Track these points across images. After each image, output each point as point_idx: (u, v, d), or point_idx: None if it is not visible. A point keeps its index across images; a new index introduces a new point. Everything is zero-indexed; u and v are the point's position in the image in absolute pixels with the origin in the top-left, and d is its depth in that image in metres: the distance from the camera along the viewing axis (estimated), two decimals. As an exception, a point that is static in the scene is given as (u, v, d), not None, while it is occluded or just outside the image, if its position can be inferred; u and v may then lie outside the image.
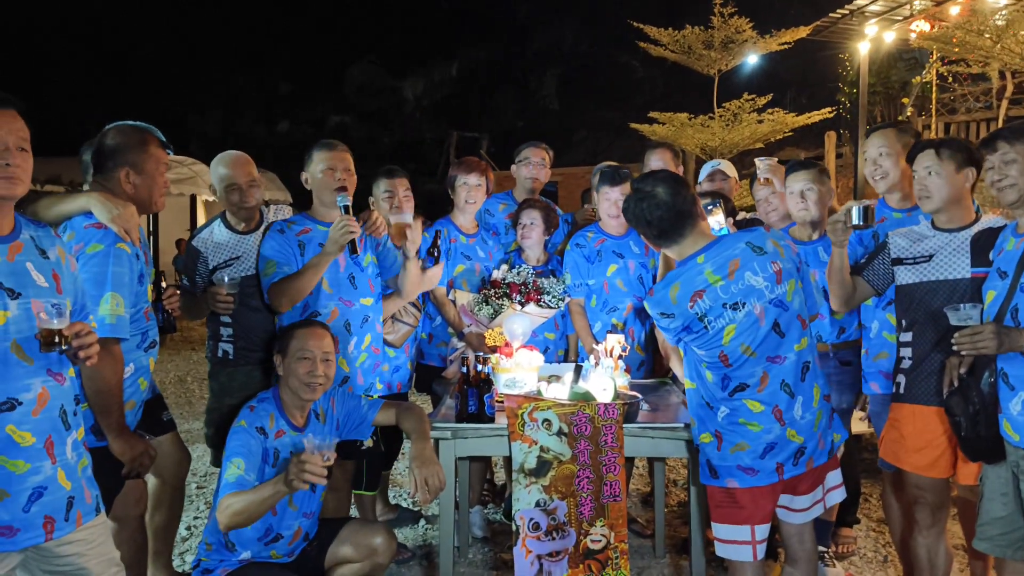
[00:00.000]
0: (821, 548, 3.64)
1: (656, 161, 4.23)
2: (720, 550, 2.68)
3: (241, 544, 2.72)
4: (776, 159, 4.17)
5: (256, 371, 3.30)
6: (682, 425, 2.92)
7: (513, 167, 4.55)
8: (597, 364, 3.25)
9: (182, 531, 4.25)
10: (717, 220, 2.90)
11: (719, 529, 2.67)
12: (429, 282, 3.72)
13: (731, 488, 2.60)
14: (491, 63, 24.79)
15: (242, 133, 22.11)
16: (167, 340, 11.12)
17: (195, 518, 4.46)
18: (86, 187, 2.85)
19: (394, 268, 3.53)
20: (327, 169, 3.27)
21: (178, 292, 3.19)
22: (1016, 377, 2.47)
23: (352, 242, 3.13)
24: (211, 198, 14.47)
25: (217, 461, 3.31)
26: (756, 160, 4.02)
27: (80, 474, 2.14)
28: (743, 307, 2.53)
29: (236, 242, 3.37)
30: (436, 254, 3.68)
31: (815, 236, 3.48)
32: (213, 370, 3.42)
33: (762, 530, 2.62)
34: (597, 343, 3.55)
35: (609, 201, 3.89)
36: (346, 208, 3.18)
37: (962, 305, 2.54)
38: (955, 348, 2.54)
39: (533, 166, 4.45)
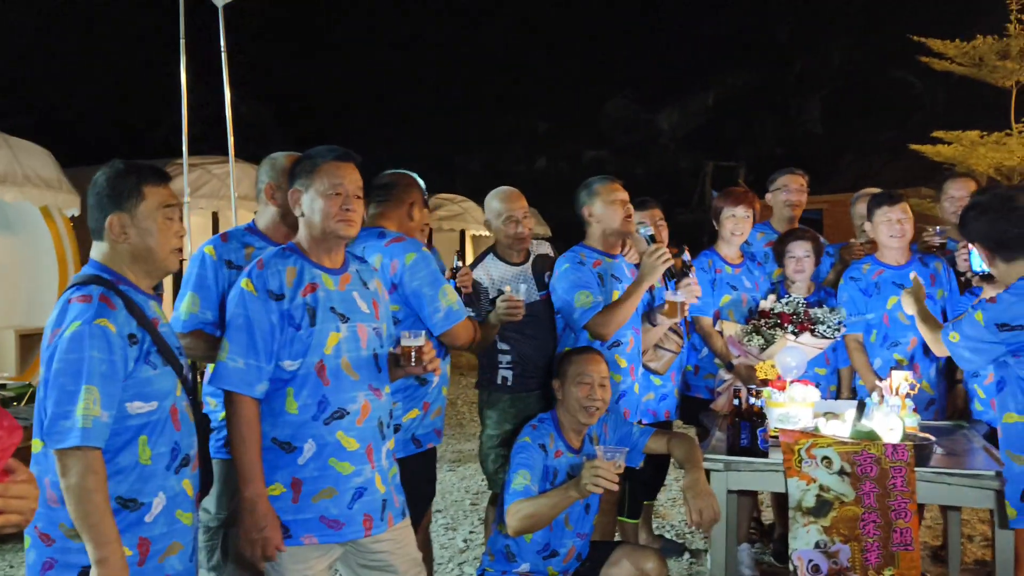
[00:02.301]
0: None
1: (960, 191, 3.95)
2: None
3: (521, 556, 2.88)
4: None
5: (532, 398, 3.45)
6: (990, 473, 2.66)
7: (768, 195, 4.42)
8: (882, 402, 3.06)
9: (460, 543, 4.56)
10: None
11: None
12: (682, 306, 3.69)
13: None
14: (749, 89, 24.12)
15: (503, 170, 23.40)
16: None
17: (471, 532, 4.76)
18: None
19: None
20: (613, 201, 3.41)
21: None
22: None
23: (668, 270, 3.25)
24: (480, 232, 15.51)
25: (494, 485, 3.51)
26: None
27: (391, 480, 2.42)
28: None
29: (513, 274, 3.59)
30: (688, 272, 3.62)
31: None
32: (491, 397, 3.55)
33: None
34: (880, 379, 3.34)
35: (890, 222, 3.66)
36: (651, 237, 3.30)
37: None
38: None
39: (791, 192, 4.30)
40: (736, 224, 4.05)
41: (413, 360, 2.34)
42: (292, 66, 24.16)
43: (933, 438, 2.88)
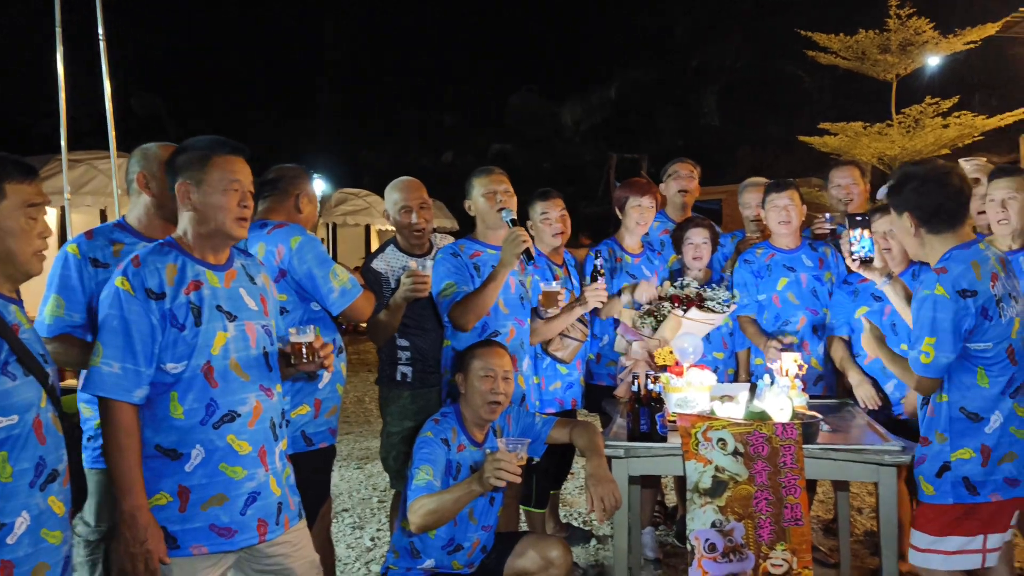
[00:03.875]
0: None
1: (844, 178, 4.12)
2: (941, 562, 2.59)
3: (426, 552, 2.85)
4: (985, 159, 3.90)
5: (433, 393, 3.42)
6: (871, 448, 2.78)
7: (662, 185, 4.54)
8: (772, 383, 3.16)
9: (367, 542, 4.49)
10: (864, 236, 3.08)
11: (947, 542, 2.58)
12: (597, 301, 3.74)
13: (986, 503, 2.54)
14: (649, 83, 24.61)
15: (409, 164, 23.19)
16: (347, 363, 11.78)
17: (378, 530, 4.69)
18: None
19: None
20: (488, 193, 3.41)
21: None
22: None
23: (527, 250, 3.23)
24: (384, 227, 15.34)
25: (397, 483, 3.47)
26: (961, 161, 3.77)
27: (285, 482, 2.34)
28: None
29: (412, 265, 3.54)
30: (598, 276, 3.70)
31: (1015, 246, 3.22)
32: (391, 393, 3.51)
33: (997, 538, 2.57)
34: (775, 340, 3.46)
35: (778, 208, 3.81)
36: (513, 221, 3.30)
37: None
38: None
39: (682, 179, 4.45)
40: (642, 214, 4.12)
41: (304, 356, 2.27)
42: (188, 58, 23.28)
43: (820, 416, 2.99)
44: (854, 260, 3.15)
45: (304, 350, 2.27)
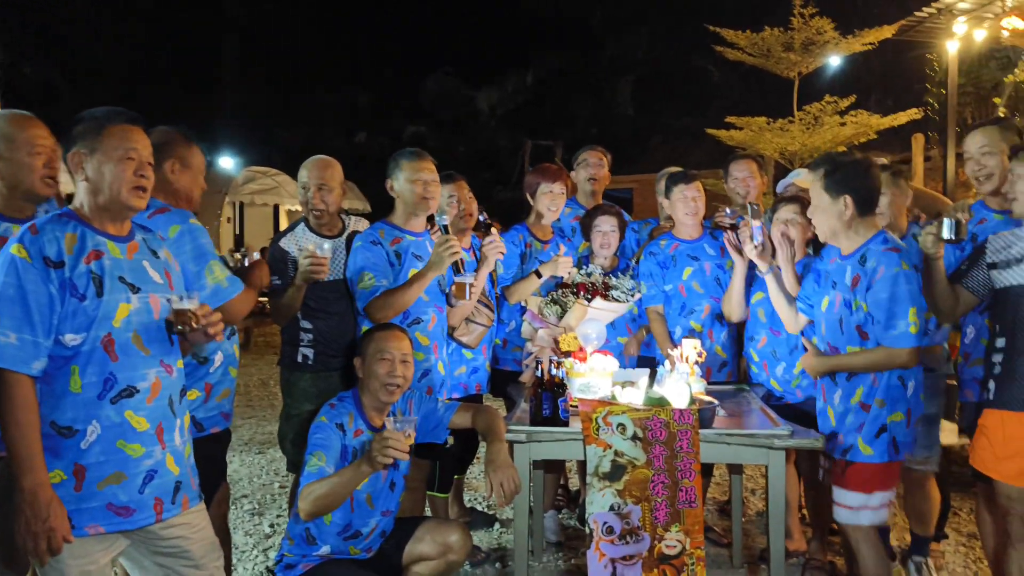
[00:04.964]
0: (919, 558, 3.65)
1: (742, 171, 4.22)
2: (870, 517, 2.91)
3: (321, 538, 2.80)
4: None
5: (334, 377, 3.37)
6: (762, 432, 2.88)
7: (573, 172, 4.59)
8: (673, 369, 3.23)
9: (266, 528, 4.39)
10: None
11: (874, 497, 2.89)
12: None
13: (899, 462, 2.94)
14: (565, 71, 24.79)
15: (322, 144, 22.69)
16: (251, 344, 11.49)
17: (278, 516, 4.59)
18: None
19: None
20: (415, 180, 3.35)
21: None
22: None
23: (456, 262, 3.22)
24: (294, 207, 14.97)
25: (293, 467, 3.41)
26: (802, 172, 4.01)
27: (185, 461, 2.29)
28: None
29: (323, 244, 3.46)
30: (490, 230, 3.71)
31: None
32: (292, 376, 3.46)
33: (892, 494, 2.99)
34: (675, 347, 3.53)
35: (686, 199, 3.88)
36: (446, 227, 3.27)
37: None
38: None
39: (591, 166, 4.51)
40: (552, 200, 4.14)
41: (189, 324, 2.18)
42: (89, 27, 22.05)
43: (716, 402, 3.07)
44: (756, 247, 3.27)
45: (189, 317, 2.18)
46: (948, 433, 4.50)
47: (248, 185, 14.71)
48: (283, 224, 15.48)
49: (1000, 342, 2.84)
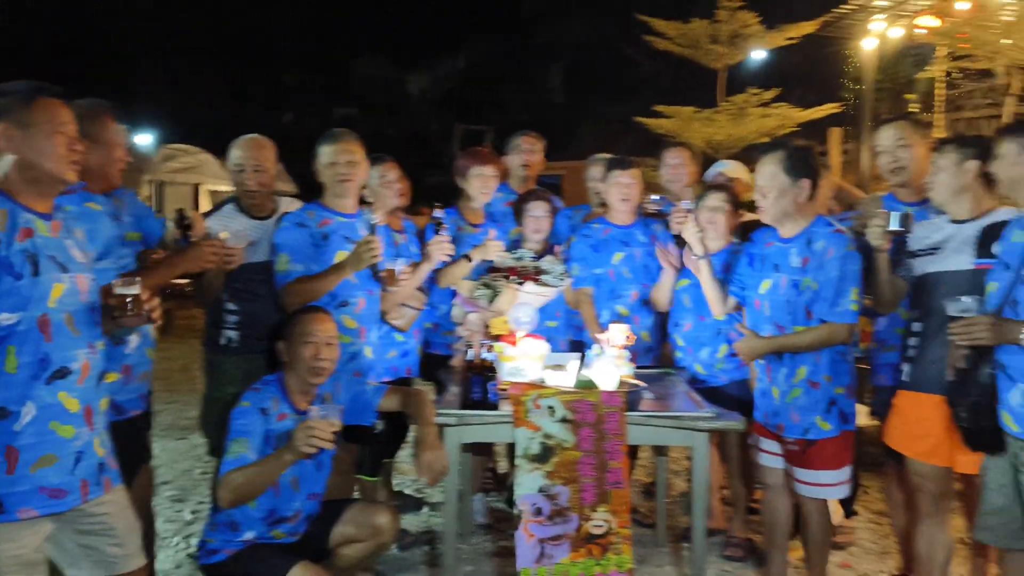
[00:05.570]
0: None
1: (675, 159, 4.30)
2: (844, 491, 3.14)
3: (245, 524, 2.75)
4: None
5: (260, 360, 3.29)
6: (687, 415, 2.95)
7: (506, 157, 4.60)
8: (602, 353, 3.28)
9: (187, 516, 4.30)
10: None
11: (843, 472, 3.09)
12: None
13: (854, 431, 3.11)
14: (496, 57, 24.74)
15: (247, 123, 22.10)
16: (173, 327, 11.15)
17: (200, 503, 4.49)
18: None
19: None
20: (332, 163, 3.32)
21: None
22: (1015, 368, 2.49)
23: (373, 265, 3.20)
24: (216, 187, 14.55)
25: (215, 452, 3.34)
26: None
27: (107, 441, 2.26)
28: None
29: (252, 227, 3.38)
30: (439, 229, 3.71)
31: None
32: (215, 358, 3.40)
33: None
34: (603, 331, 3.59)
35: (621, 185, 3.93)
36: (373, 227, 3.23)
37: (962, 297, 2.56)
38: (951, 338, 2.57)
39: (524, 152, 4.52)
40: (484, 183, 4.13)
41: (130, 309, 2.15)
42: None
43: (644, 384, 3.14)
44: (696, 235, 3.34)
45: (129, 302, 2.15)
46: (859, 415, 4.70)
47: (168, 163, 14.23)
48: (203, 203, 15.03)
49: (916, 327, 2.98)
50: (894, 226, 2.90)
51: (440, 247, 3.59)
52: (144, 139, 15.72)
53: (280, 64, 25.27)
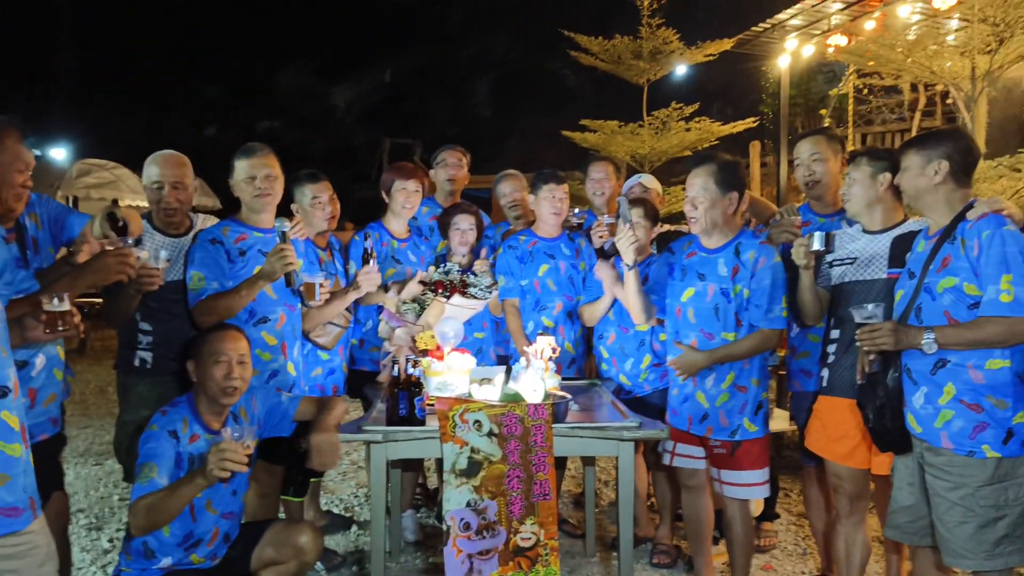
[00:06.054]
0: None
1: (599, 173, 4.38)
2: (768, 489, 3.29)
3: (161, 551, 2.66)
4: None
5: (175, 381, 3.18)
6: (612, 425, 2.99)
7: (432, 172, 4.61)
8: (528, 366, 3.30)
9: (104, 544, 4.14)
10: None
11: (766, 471, 3.26)
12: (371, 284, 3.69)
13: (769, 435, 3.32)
14: (423, 70, 24.69)
15: (167, 137, 21.53)
16: (87, 349, 10.75)
17: (118, 530, 4.33)
18: None
19: None
20: (247, 178, 3.27)
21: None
22: (918, 372, 2.61)
23: (288, 274, 3.13)
24: (135, 202, 14.09)
25: (131, 477, 3.23)
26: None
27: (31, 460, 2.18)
28: None
29: (167, 245, 3.30)
30: (369, 259, 3.68)
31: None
32: (128, 380, 3.29)
33: None
34: (529, 344, 3.61)
35: (553, 199, 3.97)
36: (283, 235, 3.16)
37: (866, 304, 2.68)
38: (857, 345, 2.68)
39: (450, 167, 4.53)
40: (407, 197, 4.12)
41: (60, 326, 2.17)
42: None
43: (569, 396, 3.17)
44: (632, 245, 3.36)
45: (60, 319, 2.16)
46: (779, 420, 4.85)
47: (83, 179, 13.72)
48: (122, 221, 14.52)
49: (834, 333, 3.09)
50: (818, 246, 2.98)
51: (368, 279, 3.58)
52: (58, 153, 15.17)
53: (201, 75, 24.68)
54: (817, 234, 2.98)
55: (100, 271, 2.58)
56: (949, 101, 8.78)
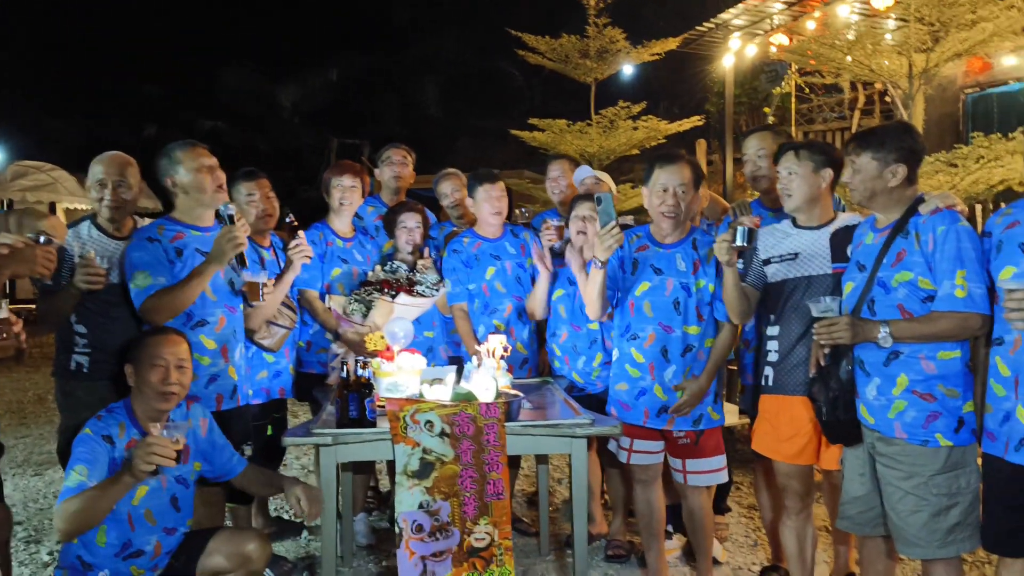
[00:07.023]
0: None
1: (555, 171, 4.43)
2: (723, 476, 3.35)
3: (98, 563, 2.56)
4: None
5: (114, 385, 3.11)
6: (564, 422, 2.98)
7: (377, 171, 4.57)
8: (480, 365, 3.27)
9: (44, 557, 4.00)
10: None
11: (724, 457, 3.35)
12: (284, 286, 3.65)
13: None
14: (371, 70, 24.45)
15: (105, 137, 20.94)
16: (24, 357, 10.39)
17: (58, 543, 4.18)
18: None
19: None
20: (199, 168, 3.16)
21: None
22: (871, 364, 2.64)
23: (240, 255, 3.07)
24: (73, 205, 13.69)
25: None
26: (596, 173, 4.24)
27: None
28: None
29: (109, 246, 3.20)
30: (295, 233, 3.64)
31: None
32: (67, 385, 3.19)
33: None
34: (480, 344, 3.58)
35: (492, 198, 3.94)
36: (231, 217, 3.10)
37: (823, 298, 2.69)
38: (815, 338, 2.70)
39: (395, 165, 4.50)
40: (344, 194, 4.07)
41: (11, 335, 2.13)
42: None
43: (522, 395, 3.15)
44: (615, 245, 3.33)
45: (5, 327, 2.12)
46: (730, 414, 4.90)
47: (18, 181, 13.31)
48: (61, 223, 14.09)
49: (773, 331, 3.10)
50: (740, 242, 2.90)
51: (299, 251, 3.55)
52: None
53: (141, 74, 24.06)
54: (739, 229, 2.89)
55: (25, 262, 2.46)
56: (887, 99, 8.98)
